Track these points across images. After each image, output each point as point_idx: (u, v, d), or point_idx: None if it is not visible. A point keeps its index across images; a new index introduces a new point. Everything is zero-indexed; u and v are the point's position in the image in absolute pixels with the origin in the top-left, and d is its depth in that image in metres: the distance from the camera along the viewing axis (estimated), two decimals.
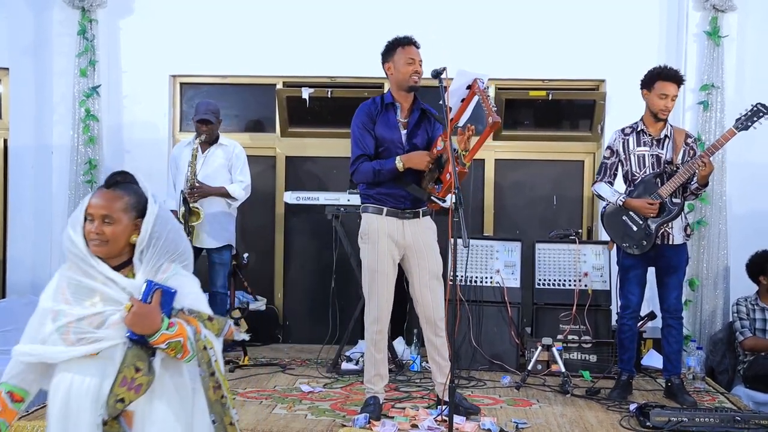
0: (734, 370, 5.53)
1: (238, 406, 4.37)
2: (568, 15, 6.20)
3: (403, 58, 4.11)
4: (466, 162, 3.87)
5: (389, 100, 4.18)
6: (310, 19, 6.30)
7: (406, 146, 4.14)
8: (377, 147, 4.13)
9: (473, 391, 4.81)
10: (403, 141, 4.14)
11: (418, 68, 4.11)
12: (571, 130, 6.54)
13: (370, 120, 4.14)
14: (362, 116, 4.17)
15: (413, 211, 4.16)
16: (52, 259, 6.28)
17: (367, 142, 4.13)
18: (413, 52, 4.13)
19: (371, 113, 4.16)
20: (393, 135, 4.13)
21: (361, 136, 4.14)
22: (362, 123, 4.15)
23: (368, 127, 4.14)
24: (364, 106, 4.22)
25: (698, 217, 5.90)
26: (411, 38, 4.17)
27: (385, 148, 4.13)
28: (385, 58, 4.19)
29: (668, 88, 4.59)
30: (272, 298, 6.56)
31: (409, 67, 4.10)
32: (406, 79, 4.11)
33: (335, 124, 6.45)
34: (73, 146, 6.20)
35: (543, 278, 5.55)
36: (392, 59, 4.15)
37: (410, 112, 4.20)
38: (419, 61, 4.12)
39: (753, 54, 6.03)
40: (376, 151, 4.14)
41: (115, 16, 6.34)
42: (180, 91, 6.58)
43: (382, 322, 4.15)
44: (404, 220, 4.14)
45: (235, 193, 5.58)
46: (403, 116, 4.19)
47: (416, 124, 4.18)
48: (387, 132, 4.13)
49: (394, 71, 4.15)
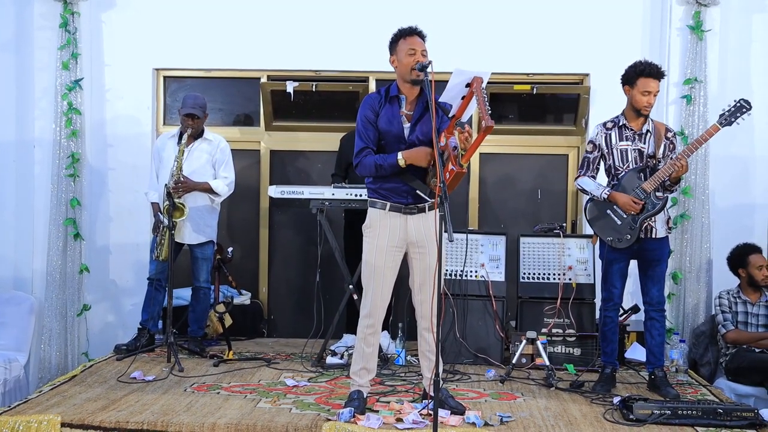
0: (717, 363, 5.58)
1: (222, 400, 4.36)
2: (552, 9, 6.22)
3: (405, 49, 4.03)
4: (463, 163, 3.84)
5: (394, 92, 4.13)
6: (294, 12, 6.28)
7: (408, 139, 4.09)
8: (379, 140, 4.12)
9: (458, 385, 4.83)
10: (406, 134, 4.09)
11: (419, 58, 4.00)
12: (556, 124, 6.55)
13: (373, 112, 4.11)
14: (366, 109, 4.13)
15: (418, 206, 4.12)
16: (34, 254, 6.25)
17: (370, 134, 4.09)
18: (416, 42, 4.04)
19: (374, 106, 4.12)
20: (395, 128, 4.08)
21: (364, 129, 4.11)
22: (365, 116, 4.12)
23: (371, 119, 4.10)
24: (368, 98, 4.18)
25: (681, 210, 5.94)
26: (414, 28, 4.09)
27: (387, 142, 4.09)
28: (390, 50, 4.12)
29: (651, 85, 4.61)
30: (257, 293, 6.55)
31: (411, 57, 4.01)
32: (408, 71, 4.03)
33: (320, 118, 6.44)
34: (56, 140, 6.14)
35: (527, 272, 5.57)
36: (396, 51, 4.08)
37: (415, 104, 4.14)
38: (422, 51, 4.03)
39: (735, 48, 6.07)
40: (379, 144, 4.12)
41: (97, 9, 6.28)
42: (163, 85, 6.54)
43: (375, 316, 4.13)
44: (408, 216, 4.10)
45: (219, 189, 5.56)
46: (408, 108, 4.13)
47: (419, 118, 4.12)
48: (389, 125, 4.09)
49: (397, 63, 4.08)
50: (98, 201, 6.34)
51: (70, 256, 6.16)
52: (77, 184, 6.18)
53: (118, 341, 5.80)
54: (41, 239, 6.21)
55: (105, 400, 4.34)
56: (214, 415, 4.05)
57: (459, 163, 3.80)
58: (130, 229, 6.31)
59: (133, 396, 4.43)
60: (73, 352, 6.16)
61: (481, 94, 3.83)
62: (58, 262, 6.12)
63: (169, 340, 5.16)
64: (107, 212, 6.36)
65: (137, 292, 6.03)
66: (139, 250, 6.28)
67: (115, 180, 6.35)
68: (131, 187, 6.23)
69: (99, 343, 6.20)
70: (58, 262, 6.12)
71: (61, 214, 6.13)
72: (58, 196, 6.14)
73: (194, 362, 5.31)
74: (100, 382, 4.76)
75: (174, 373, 4.92)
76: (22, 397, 5.03)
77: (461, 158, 3.81)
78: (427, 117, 4.07)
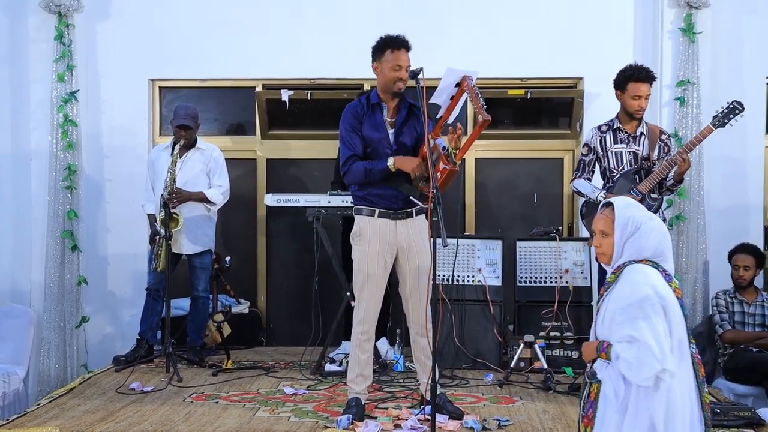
0: (714, 363, 5.58)
1: (221, 409, 4.37)
2: (545, 14, 6.24)
3: (390, 63, 4.05)
4: (456, 160, 3.87)
5: (375, 100, 4.15)
6: (288, 21, 6.29)
7: (394, 145, 4.11)
8: (365, 147, 4.13)
9: (456, 390, 4.83)
10: (391, 140, 4.12)
11: (403, 75, 4.03)
12: (550, 128, 6.57)
13: (356, 121, 4.13)
14: (349, 118, 4.15)
15: (406, 210, 4.14)
16: (32, 266, 6.24)
17: (355, 143, 4.12)
18: (402, 58, 4.05)
19: (357, 114, 4.14)
20: (380, 134, 4.11)
21: (349, 138, 4.13)
22: (349, 124, 4.14)
23: (355, 128, 4.12)
24: (350, 107, 4.20)
25: (677, 212, 5.95)
26: (402, 40, 4.08)
27: (373, 149, 4.11)
28: (374, 56, 4.13)
29: (641, 89, 4.64)
30: (255, 301, 6.56)
31: (395, 73, 4.04)
32: (390, 85, 4.07)
33: (315, 126, 6.46)
34: (52, 152, 6.15)
35: (524, 276, 5.58)
36: (380, 60, 4.09)
37: (397, 110, 4.16)
38: (406, 68, 4.04)
39: (726, 50, 6.09)
40: (365, 152, 4.13)
41: (92, 21, 6.30)
42: (159, 95, 6.55)
43: (368, 323, 4.15)
44: (397, 221, 4.12)
45: (214, 198, 5.58)
46: (390, 116, 4.16)
47: (403, 123, 4.15)
48: (374, 132, 4.11)
49: (380, 73, 4.11)
50: (95, 212, 6.35)
51: (68, 268, 6.16)
52: (74, 195, 6.19)
53: (117, 352, 5.80)
54: (39, 252, 6.21)
55: (104, 411, 4.34)
56: (213, 425, 4.05)
57: (452, 161, 3.83)
58: (128, 240, 6.31)
59: (131, 407, 4.44)
60: (72, 364, 6.16)
61: (473, 90, 3.86)
62: (56, 274, 6.12)
63: (167, 351, 5.16)
64: (105, 223, 6.37)
65: (136, 302, 6.03)
66: (137, 260, 6.29)
67: (112, 191, 6.36)
68: (128, 197, 6.22)
69: (98, 354, 6.19)
70: (56, 274, 6.12)
71: (59, 226, 6.14)
72: (55, 208, 6.14)
73: (193, 372, 5.31)
74: (98, 393, 4.77)
75: (173, 384, 4.92)
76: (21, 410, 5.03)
77: (455, 156, 3.84)
78: (411, 121, 4.13)
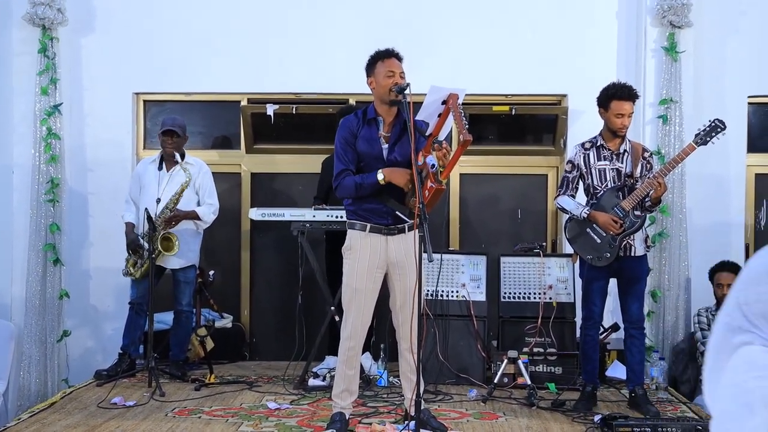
0: (696, 380, 5.61)
1: (204, 424, 4.34)
2: (530, 32, 6.29)
3: (383, 71, 4.07)
4: (442, 179, 3.88)
5: (371, 114, 4.16)
6: (273, 35, 6.31)
7: (387, 161, 4.12)
8: (358, 161, 4.14)
9: (440, 405, 4.83)
10: (384, 155, 4.13)
11: (398, 80, 4.05)
12: (535, 144, 6.61)
13: (351, 135, 4.14)
14: (344, 131, 4.16)
15: (398, 226, 4.14)
16: (13, 280, 6.20)
17: (349, 156, 4.12)
18: (394, 64, 4.09)
19: (352, 128, 4.15)
20: (373, 149, 4.12)
21: (343, 151, 4.14)
22: (344, 138, 4.15)
23: (350, 142, 4.13)
24: (346, 120, 4.21)
25: (659, 229, 6.00)
26: (392, 50, 4.14)
27: (366, 163, 4.12)
28: (368, 72, 4.15)
29: (624, 107, 4.68)
30: (238, 316, 6.53)
31: (389, 79, 4.05)
32: (387, 93, 4.07)
33: (300, 141, 6.46)
34: (35, 165, 6.12)
35: (508, 291, 5.59)
36: (374, 74, 4.12)
37: (393, 126, 4.17)
38: (400, 74, 4.07)
39: (709, 68, 6.16)
40: (358, 166, 4.14)
41: (76, 34, 6.29)
42: (144, 109, 6.54)
43: (356, 338, 4.14)
44: (389, 236, 4.12)
45: (205, 218, 5.58)
46: (386, 130, 4.16)
47: (398, 138, 4.16)
48: (368, 147, 4.12)
49: (375, 85, 4.12)
50: (78, 226, 6.31)
51: (50, 281, 6.12)
52: (57, 209, 6.15)
53: (99, 366, 5.74)
54: (20, 265, 6.17)
55: (85, 426, 4.30)
56: None
57: (438, 180, 3.84)
58: (111, 253, 6.25)
59: (113, 422, 4.40)
60: (53, 379, 6.10)
61: (457, 109, 3.88)
62: (38, 287, 6.07)
63: (150, 365, 5.13)
64: (87, 237, 6.33)
65: (118, 316, 5.99)
66: (119, 274, 6.20)
67: (96, 205, 6.32)
68: (112, 211, 6.16)
69: (79, 368, 6.14)
70: (37, 288, 6.07)
71: (41, 240, 6.09)
72: (38, 221, 6.10)
73: (175, 386, 5.27)
74: (80, 408, 4.72)
75: (155, 398, 4.88)
76: (1, 425, 4.97)
77: (440, 174, 3.85)
78: (405, 138, 4.10)
